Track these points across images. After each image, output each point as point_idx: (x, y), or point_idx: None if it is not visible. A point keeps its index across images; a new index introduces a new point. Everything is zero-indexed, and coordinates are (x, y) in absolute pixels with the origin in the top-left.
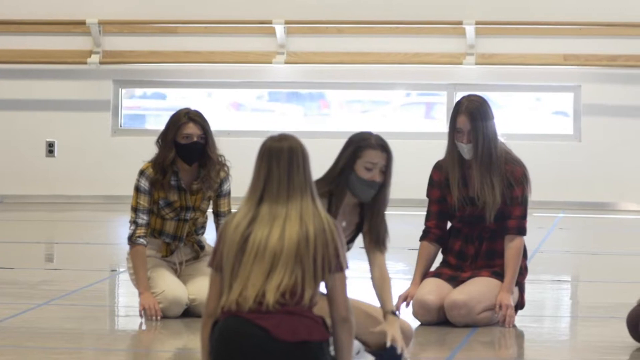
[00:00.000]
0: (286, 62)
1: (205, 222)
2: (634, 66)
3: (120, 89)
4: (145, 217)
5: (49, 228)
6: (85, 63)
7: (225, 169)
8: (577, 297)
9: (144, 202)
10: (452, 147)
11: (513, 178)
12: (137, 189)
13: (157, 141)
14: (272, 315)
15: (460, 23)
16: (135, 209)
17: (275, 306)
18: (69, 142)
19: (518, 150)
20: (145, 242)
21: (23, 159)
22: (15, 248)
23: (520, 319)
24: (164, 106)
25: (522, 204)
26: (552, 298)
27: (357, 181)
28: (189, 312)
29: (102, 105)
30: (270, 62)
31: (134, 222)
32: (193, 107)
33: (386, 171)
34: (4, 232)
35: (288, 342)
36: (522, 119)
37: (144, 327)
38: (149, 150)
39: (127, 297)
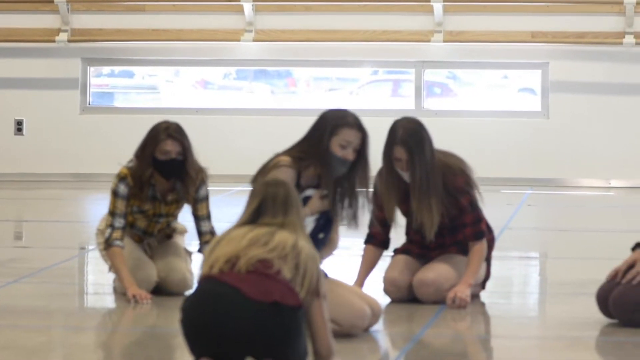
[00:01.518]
0: (254, 40)
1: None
2: (601, 43)
3: (88, 67)
4: (122, 221)
5: (17, 206)
6: (54, 41)
7: (202, 174)
8: (545, 274)
9: (121, 206)
10: (389, 169)
11: (455, 189)
12: (115, 194)
13: (136, 153)
14: (244, 276)
15: (428, 0)
16: (112, 213)
17: (248, 268)
18: (38, 121)
19: (486, 127)
20: (122, 245)
21: None
22: None
23: (489, 295)
24: (132, 84)
25: (472, 210)
26: (520, 274)
27: (330, 158)
28: (159, 290)
29: (71, 83)
30: (239, 40)
31: (110, 226)
32: (172, 121)
33: (362, 150)
34: None
35: (260, 301)
36: (490, 97)
37: (113, 305)
38: (118, 128)
39: (96, 274)
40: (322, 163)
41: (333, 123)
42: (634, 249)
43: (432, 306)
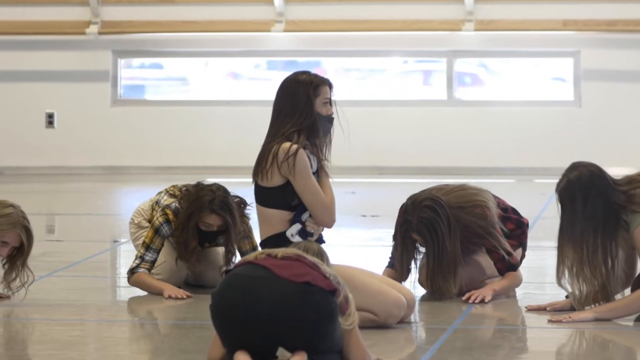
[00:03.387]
0: (285, 31)
1: None
2: (632, 31)
3: (119, 60)
4: (154, 256)
5: (49, 199)
6: (84, 33)
7: (244, 219)
8: None
9: (158, 243)
10: (404, 248)
11: (478, 237)
12: (157, 232)
13: (180, 219)
14: (278, 261)
15: None
16: (147, 247)
17: (284, 256)
18: (69, 113)
19: (518, 117)
20: (146, 272)
21: (23, 130)
22: None
23: (524, 286)
24: (163, 76)
25: (499, 248)
26: (554, 265)
27: (319, 118)
28: (190, 283)
29: (101, 75)
30: (269, 31)
31: (140, 257)
32: (219, 188)
33: (331, 102)
34: None
35: (291, 280)
36: (521, 86)
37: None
38: (148, 120)
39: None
40: (316, 128)
41: (313, 85)
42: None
43: None
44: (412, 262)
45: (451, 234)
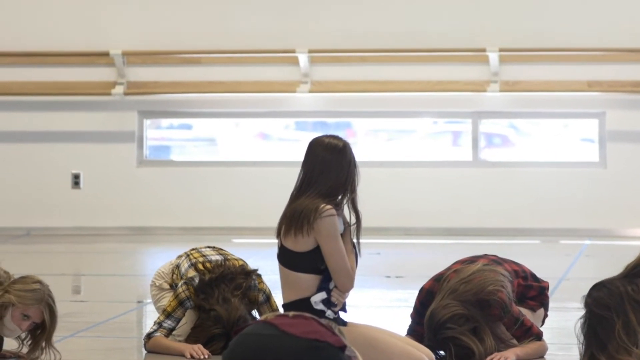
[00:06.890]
0: (310, 91)
1: None
2: None
3: (144, 120)
4: (173, 324)
5: (75, 260)
6: (110, 94)
7: (256, 291)
8: None
9: (179, 314)
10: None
11: (495, 320)
12: (181, 303)
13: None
14: (289, 319)
15: (484, 50)
16: (167, 315)
17: (295, 315)
18: (95, 174)
19: (543, 178)
20: (164, 337)
21: (49, 191)
22: None
23: (549, 347)
24: (190, 137)
25: (519, 326)
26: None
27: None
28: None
29: (127, 136)
30: (294, 91)
31: (159, 324)
32: (234, 317)
33: None
34: (30, 265)
35: (299, 337)
36: (549, 147)
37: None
38: (174, 181)
39: None
40: (354, 189)
41: (352, 151)
42: None
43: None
44: None
45: (477, 341)
